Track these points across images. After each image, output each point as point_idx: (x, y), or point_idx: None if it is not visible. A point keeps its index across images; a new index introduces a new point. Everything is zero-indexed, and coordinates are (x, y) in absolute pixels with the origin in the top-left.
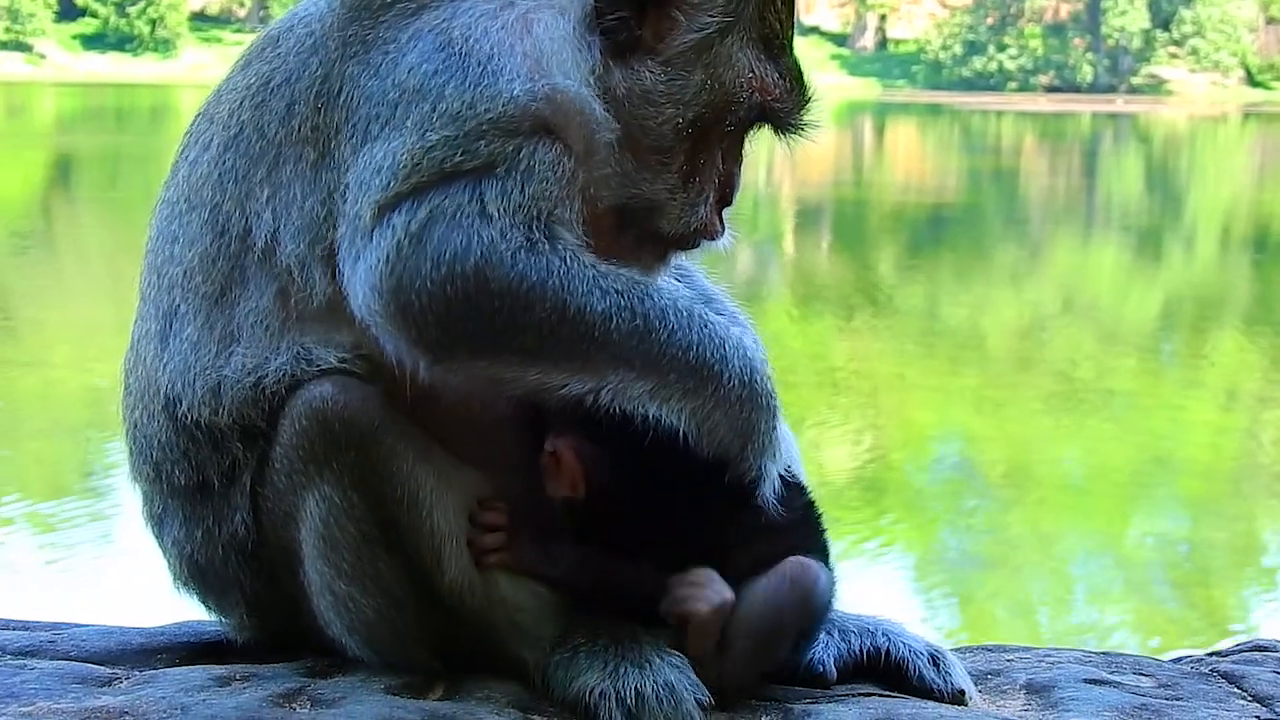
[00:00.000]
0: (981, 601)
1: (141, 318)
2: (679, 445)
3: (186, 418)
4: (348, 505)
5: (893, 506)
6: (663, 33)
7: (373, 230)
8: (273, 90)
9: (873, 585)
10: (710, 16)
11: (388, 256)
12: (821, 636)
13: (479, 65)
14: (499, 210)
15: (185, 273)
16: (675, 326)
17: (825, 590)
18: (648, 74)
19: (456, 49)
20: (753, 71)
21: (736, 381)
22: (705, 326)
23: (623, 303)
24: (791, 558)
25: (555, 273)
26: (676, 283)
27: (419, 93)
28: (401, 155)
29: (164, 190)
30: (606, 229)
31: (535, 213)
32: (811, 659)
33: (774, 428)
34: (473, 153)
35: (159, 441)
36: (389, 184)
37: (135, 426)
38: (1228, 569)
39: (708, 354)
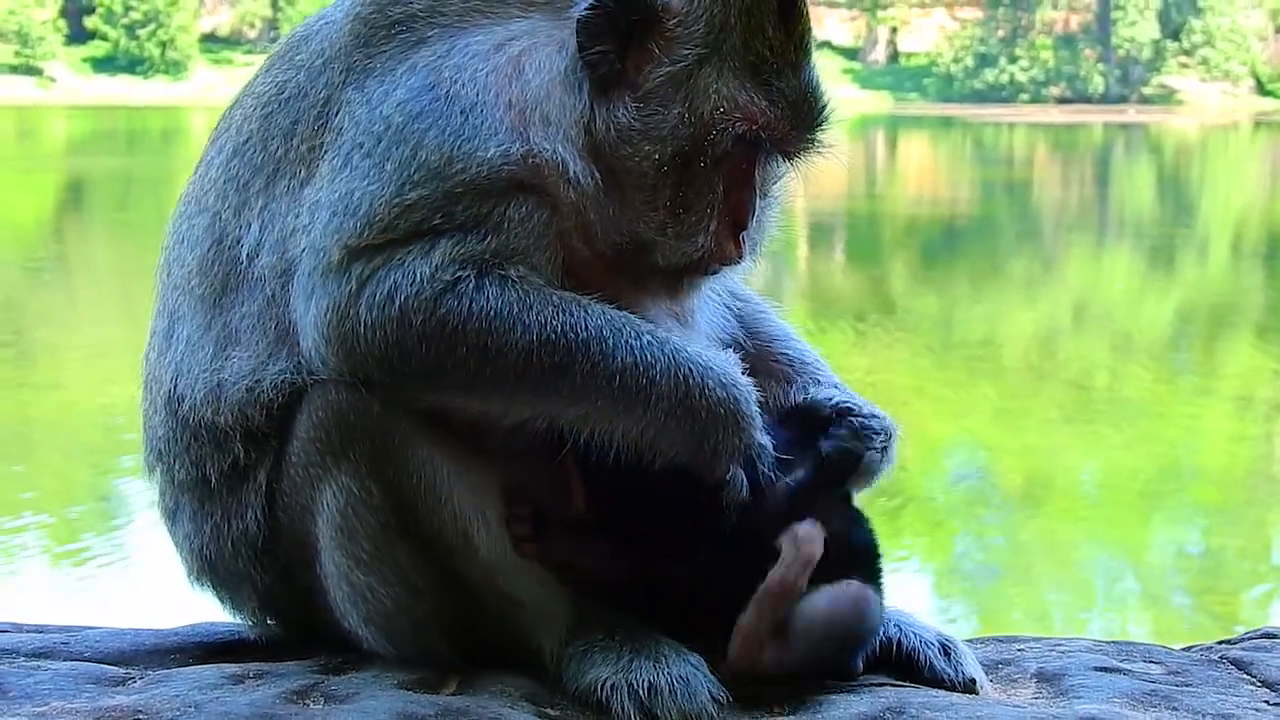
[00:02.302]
0: (999, 611)
1: (155, 312)
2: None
3: (189, 417)
4: (366, 495)
5: (910, 517)
6: (642, 66)
7: (333, 274)
8: (282, 103)
9: (891, 595)
10: (687, 49)
11: (338, 305)
12: None
13: (461, 115)
14: (443, 256)
15: (186, 275)
16: (599, 356)
17: (877, 618)
18: (623, 111)
19: (443, 92)
20: (734, 101)
21: (666, 403)
22: (633, 351)
23: (544, 335)
24: (856, 581)
25: (475, 313)
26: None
27: (401, 133)
28: (379, 205)
29: (186, 187)
30: (605, 269)
31: (485, 257)
32: None
33: (731, 434)
34: (449, 216)
35: (161, 435)
36: (363, 232)
37: (145, 417)
38: (1244, 576)
39: (631, 380)
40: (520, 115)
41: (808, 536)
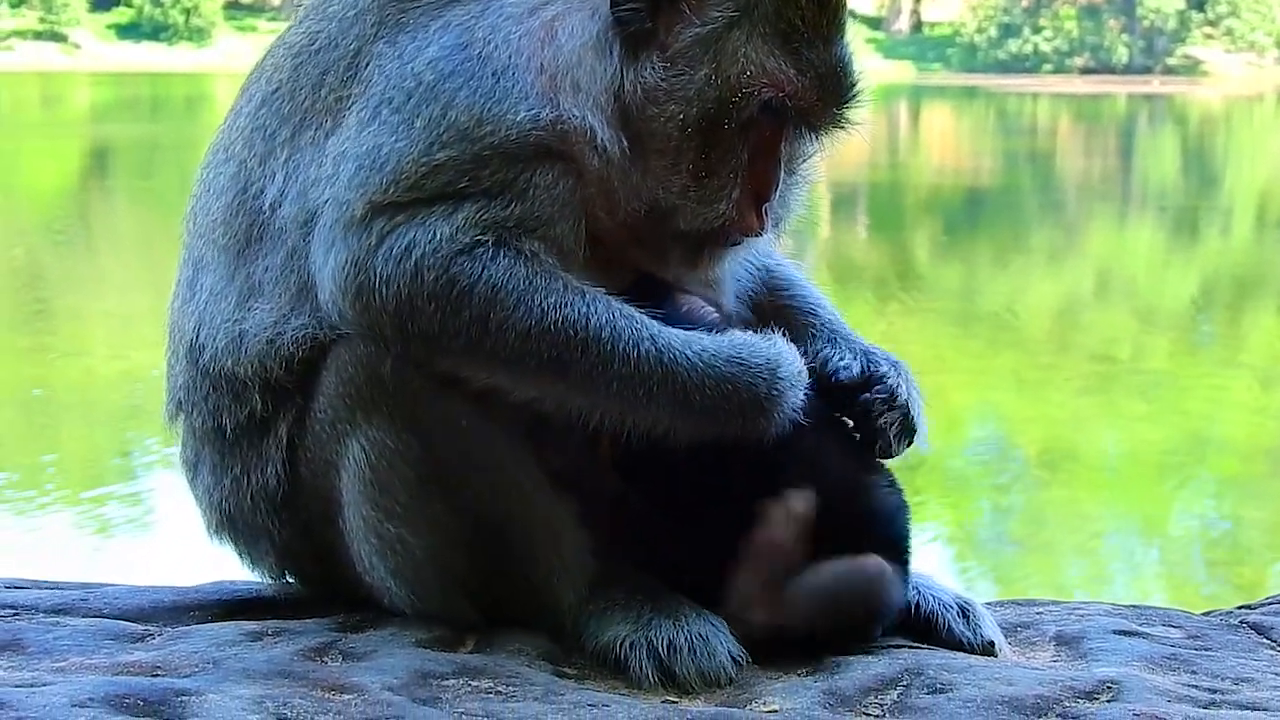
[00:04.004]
0: (1018, 581)
1: (180, 261)
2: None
3: (210, 366)
4: (403, 447)
5: (930, 487)
6: (672, 26)
7: (356, 227)
8: (312, 54)
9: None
10: (718, 10)
11: (356, 258)
12: None
13: (493, 76)
14: (464, 219)
15: (211, 224)
16: (596, 360)
17: (894, 598)
18: (651, 71)
19: (475, 53)
20: (762, 67)
21: (667, 410)
22: (630, 363)
23: (544, 325)
24: (878, 557)
25: (483, 280)
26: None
27: (432, 91)
28: (406, 163)
29: (216, 136)
30: (628, 237)
31: (508, 224)
32: None
33: (752, 420)
34: (475, 179)
35: (181, 384)
36: (388, 189)
37: (168, 366)
38: (1265, 548)
39: (629, 391)
40: (551, 80)
41: (794, 495)
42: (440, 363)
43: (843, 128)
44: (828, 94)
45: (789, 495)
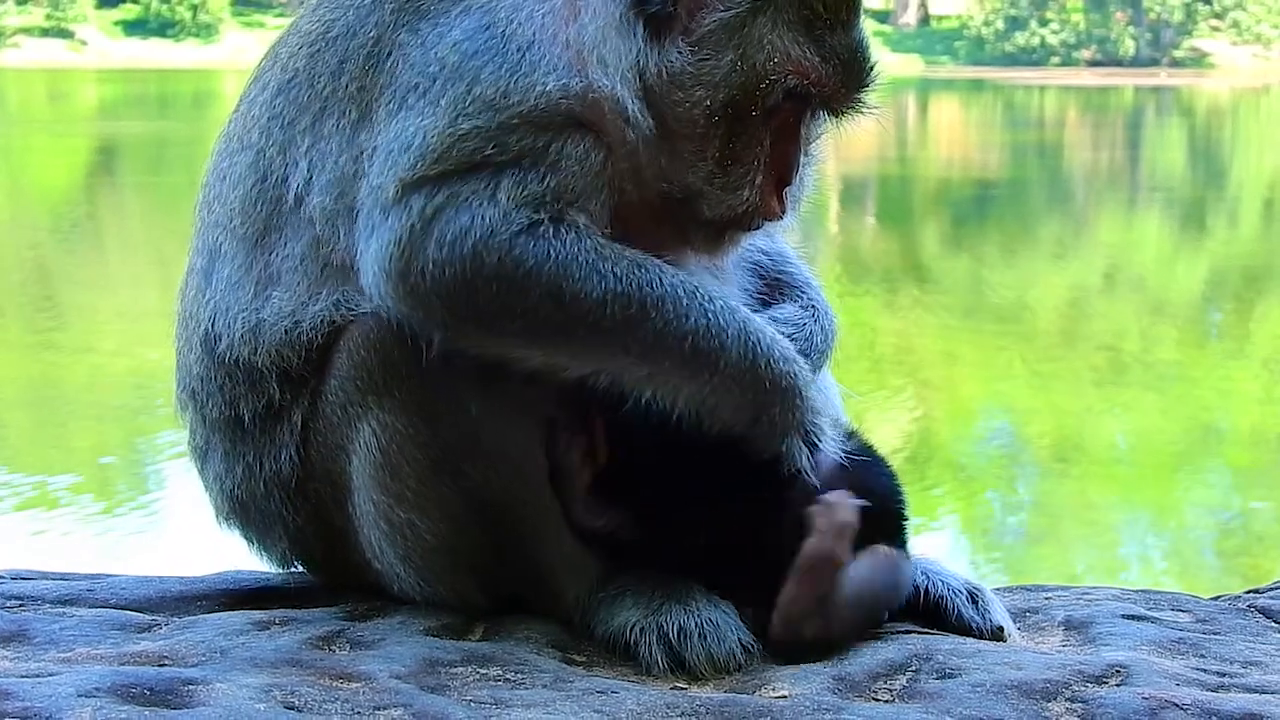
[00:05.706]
0: (1029, 574)
1: (193, 250)
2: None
3: (225, 355)
4: (412, 431)
5: (940, 480)
6: (694, 11)
7: (392, 208)
8: (329, 42)
9: (918, 550)
10: None
11: (399, 239)
12: None
13: (518, 52)
14: (508, 196)
15: (228, 213)
16: (672, 316)
17: (910, 580)
18: (677, 55)
19: (499, 31)
20: (788, 54)
21: (733, 370)
22: (706, 315)
23: (619, 289)
24: (885, 547)
25: (552, 257)
26: (700, 269)
27: (457, 71)
28: (432, 137)
29: (227, 124)
30: (650, 218)
31: (546, 199)
32: None
33: (792, 408)
34: (503, 146)
35: (195, 373)
36: (416, 164)
37: (179, 355)
38: (1275, 536)
39: (703, 344)
40: (578, 55)
41: (840, 504)
42: (490, 346)
43: (863, 111)
44: (850, 78)
45: (830, 503)
